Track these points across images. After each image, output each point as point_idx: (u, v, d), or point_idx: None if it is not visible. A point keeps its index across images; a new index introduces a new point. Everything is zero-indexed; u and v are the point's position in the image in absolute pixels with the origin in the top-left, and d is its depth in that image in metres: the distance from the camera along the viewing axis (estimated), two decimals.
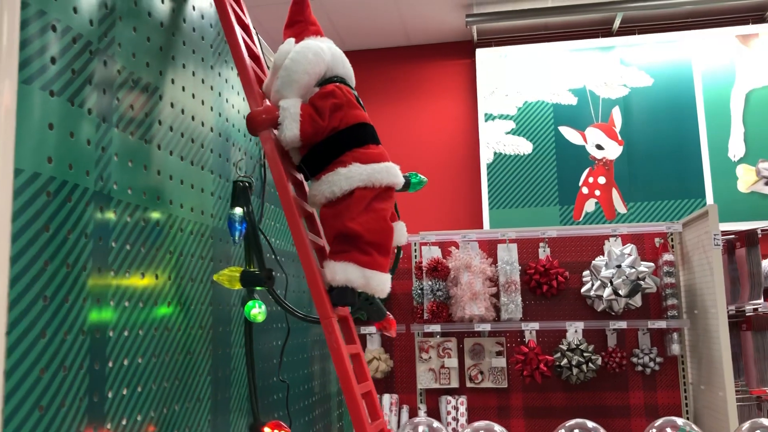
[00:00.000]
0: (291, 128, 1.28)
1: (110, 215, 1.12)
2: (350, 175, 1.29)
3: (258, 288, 1.37)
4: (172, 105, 1.33)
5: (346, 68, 1.41)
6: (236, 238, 1.35)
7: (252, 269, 1.36)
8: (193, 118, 1.42)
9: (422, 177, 1.58)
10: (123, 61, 1.17)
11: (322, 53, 1.35)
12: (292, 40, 1.38)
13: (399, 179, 1.36)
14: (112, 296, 1.11)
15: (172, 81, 1.34)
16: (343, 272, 1.28)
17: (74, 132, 1.03)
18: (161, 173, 1.28)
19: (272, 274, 1.34)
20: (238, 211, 1.35)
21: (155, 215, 1.26)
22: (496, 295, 4.09)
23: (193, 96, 1.43)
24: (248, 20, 1.51)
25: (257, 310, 1.37)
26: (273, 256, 1.38)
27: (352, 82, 1.42)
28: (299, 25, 1.44)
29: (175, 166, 1.33)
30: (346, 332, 1.30)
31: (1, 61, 0.89)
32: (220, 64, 1.59)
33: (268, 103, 1.34)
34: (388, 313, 1.50)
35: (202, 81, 1.48)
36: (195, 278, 1.39)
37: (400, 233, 1.35)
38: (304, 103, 1.32)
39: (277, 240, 1.85)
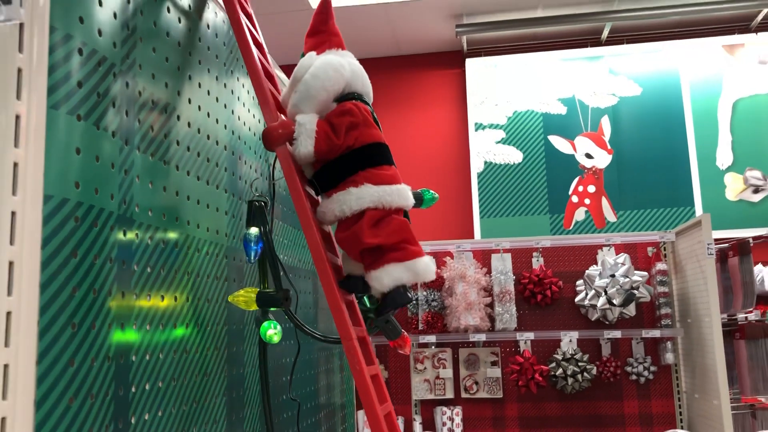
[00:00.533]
0: (306, 144, 1.27)
1: (132, 238, 1.11)
2: (361, 196, 1.28)
3: (274, 309, 1.36)
4: (189, 125, 1.32)
5: (365, 85, 1.41)
6: (252, 258, 1.34)
7: (267, 289, 1.35)
8: (208, 137, 1.41)
9: (434, 194, 1.58)
10: (144, 81, 1.17)
11: (343, 69, 1.34)
12: (313, 53, 1.37)
13: (409, 202, 1.36)
14: (135, 320, 1.10)
15: (189, 101, 1.33)
16: (388, 275, 1.27)
17: (99, 156, 1.02)
18: (179, 194, 1.27)
19: (289, 294, 1.33)
20: (254, 230, 1.34)
21: (174, 236, 1.24)
22: (491, 305, 4.10)
23: (208, 115, 1.42)
24: (261, 38, 1.50)
25: (273, 331, 1.36)
26: (283, 274, 1.37)
27: (370, 99, 1.41)
28: (322, 35, 1.43)
29: (192, 186, 1.32)
30: (365, 353, 1.30)
31: (30, 87, 0.88)
32: (233, 82, 1.58)
33: (283, 117, 1.33)
34: (403, 330, 1.50)
35: (216, 99, 1.47)
36: (211, 299, 1.38)
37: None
38: (321, 119, 1.31)
39: (286, 256, 1.84)
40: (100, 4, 1.05)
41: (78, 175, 0.97)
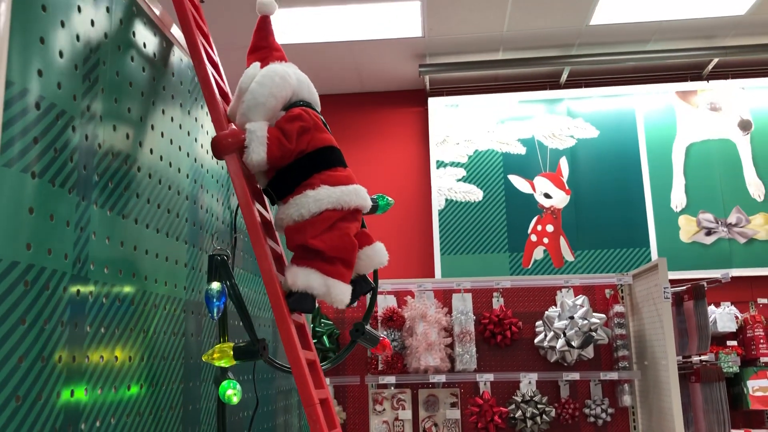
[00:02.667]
0: (258, 151, 1.26)
1: (86, 298, 1.05)
2: (319, 198, 1.27)
3: (249, 360, 1.31)
4: (150, 176, 1.28)
5: (311, 93, 1.41)
6: (215, 314, 1.29)
7: (240, 343, 1.30)
8: (169, 187, 1.36)
9: (389, 199, 1.60)
10: (104, 134, 1.12)
11: (288, 77, 1.34)
12: (257, 64, 1.36)
13: (367, 202, 1.37)
14: (86, 384, 1.04)
15: (151, 151, 1.29)
16: (305, 278, 1.26)
17: (54, 214, 0.97)
18: (137, 248, 1.22)
19: (266, 344, 1.28)
20: (216, 286, 1.30)
21: (130, 293, 1.19)
22: (451, 345, 4.08)
23: (170, 165, 1.38)
24: (216, 58, 1.48)
25: (232, 392, 1.31)
26: (244, 322, 1.32)
27: (318, 106, 1.42)
28: (264, 50, 1.43)
29: (151, 240, 1.28)
30: (315, 378, 1.26)
31: None
32: (197, 130, 1.54)
33: (233, 126, 1.31)
34: (381, 336, 1.52)
35: (179, 148, 1.43)
36: (167, 356, 1.32)
37: (380, 254, 1.33)
38: (271, 126, 1.30)
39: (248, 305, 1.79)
40: (61, 55, 1.01)
41: (30, 236, 0.91)
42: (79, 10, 1.07)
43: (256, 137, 1.26)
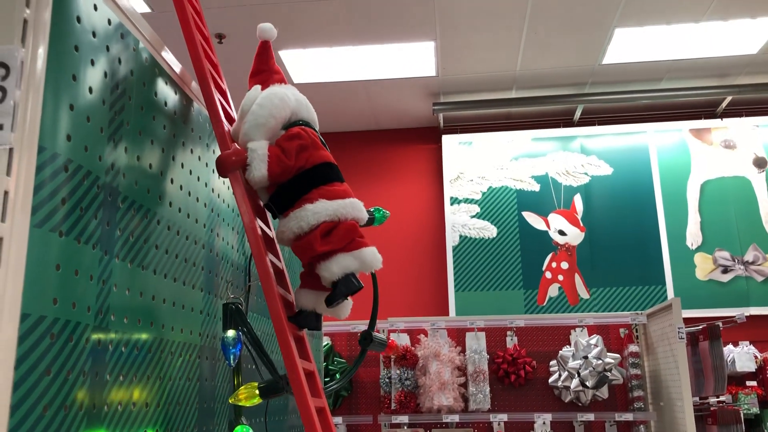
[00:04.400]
0: (259, 168, 1.33)
1: (107, 348, 1.11)
2: (317, 211, 1.33)
3: (276, 395, 1.35)
4: (168, 228, 1.34)
5: (310, 113, 1.48)
6: (231, 361, 1.34)
7: (263, 382, 1.34)
8: (187, 237, 1.42)
9: (385, 211, 1.65)
10: (126, 191, 1.19)
11: (287, 98, 1.42)
12: (258, 87, 1.45)
13: (363, 214, 1.43)
14: (105, 431, 1.09)
15: (170, 204, 1.35)
16: (337, 264, 1.32)
17: (79, 269, 1.03)
18: (155, 297, 1.28)
19: (288, 379, 1.32)
20: (231, 333, 1.35)
21: (148, 341, 1.24)
22: (465, 385, 4.08)
23: (188, 216, 1.44)
24: (225, 86, 1.56)
25: None
26: (264, 362, 1.37)
27: (317, 126, 1.49)
28: (264, 74, 1.51)
29: (169, 289, 1.33)
30: (311, 386, 1.31)
31: (15, 209, 0.89)
32: (214, 179, 1.61)
33: (236, 146, 1.39)
34: (390, 340, 1.60)
35: (197, 199, 1.49)
36: (182, 401, 1.36)
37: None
38: (271, 145, 1.38)
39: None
40: (88, 119, 1.07)
41: (56, 291, 0.97)
42: (105, 75, 1.14)
43: (258, 155, 1.34)
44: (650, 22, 4.90)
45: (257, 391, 1.31)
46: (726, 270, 5.66)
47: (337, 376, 4.11)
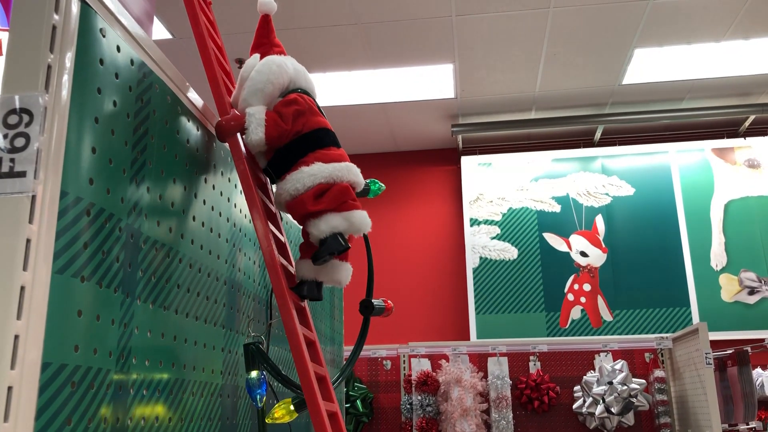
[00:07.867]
0: (257, 132, 1.36)
1: (128, 392, 1.09)
2: (313, 173, 1.35)
3: None
4: (190, 266, 1.33)
5: (308, 82, 1.51)
6: (258, 401, 1.32)
7: (296, 398, 1.34)
8: (208, 274, 1.41)
9: (381, 184, 1.68)
10: (147, 231, 1.17)
11: (285, 66, 1.45)
12: (257, 55, 1.49)
13: (360, 179, 1.44)
14: None
15: (192, 241, 1.34)
16: (326, 223, 1.34)
17: (100, 314, 1.01)
18: (177, 338, 1.26)
19: None
20: (255, 374, 1.33)
21: (169, 383, 1.22)
22: (487, 411, 4.01)
23: (210, 252, 1.43)
24: (228, 66, 1.57)
25: None
26: (292, 389, 1.36)
27: (315, 94, 1.51)
28: (264, 46, 1.55)
29: (190, 328, 1.31)
30: (324, 391, 1.28)
31: (37, 256, 0.88)
32: (235, 214, 1.60)
33: (235, 111, 1.42)
34: (387, 302, 1.63)
35: (219, 235, 1.48)
36: None
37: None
38: (269, 110, 1.41)
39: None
40: (110, 162, 1.07)
41: (77, 338, 0.96)
42: (128, 116, 1.14)
43: (255, 119, 1.37)
44: (670, 42, 4.86)
45: (293, 407, 1.31)
46: (752, 291, 5.55)
47: (358, 402, 4.07)
